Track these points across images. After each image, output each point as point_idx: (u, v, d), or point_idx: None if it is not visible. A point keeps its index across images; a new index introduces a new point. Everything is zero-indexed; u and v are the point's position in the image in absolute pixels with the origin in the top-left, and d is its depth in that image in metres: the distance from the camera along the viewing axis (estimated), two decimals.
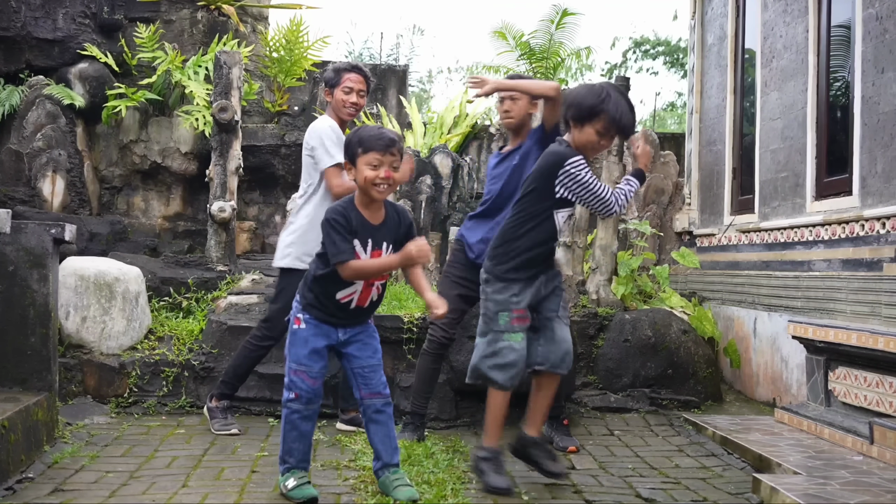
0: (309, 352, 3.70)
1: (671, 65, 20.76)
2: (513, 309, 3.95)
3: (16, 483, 3.82)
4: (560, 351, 4.01)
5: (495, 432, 4.01)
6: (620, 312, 6.10)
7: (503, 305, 3.96)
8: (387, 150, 3.60)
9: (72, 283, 5.42)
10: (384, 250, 3.68)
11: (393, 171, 3.62)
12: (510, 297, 3.96)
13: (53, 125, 7.58)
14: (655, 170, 8.39)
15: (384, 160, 3.60)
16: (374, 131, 3.67)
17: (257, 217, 8.30)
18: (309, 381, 3.69)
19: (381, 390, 3.74)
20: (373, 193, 3.62)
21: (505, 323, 3.94)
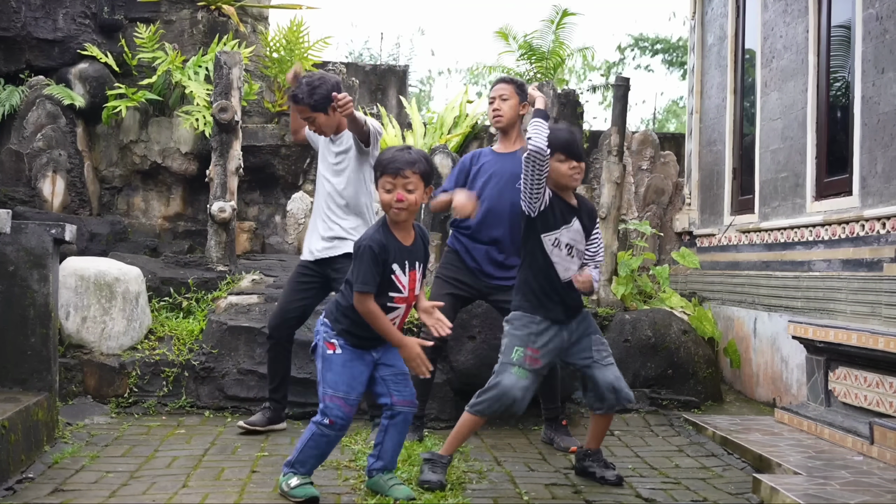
0: (348, 378, 3.67)
1: (669, 63, 20.75)
2: (528, 346, 3.96)
3: (16, 483, 3.83)
4: (608, 393, 4.02)
5: (454, 446, 4.05)
6: (620, 312, 6.10)
7: (521, 341, 3.97)
8: (398, 172, 3.59)
9: (72, 283, 5.42)
10: (417, 270, 3.72)
11: (407, 193, 3.61)
12: (528, 333, 3.98)
13: (53, 125, 7.58)
14: (655, 170, 8.39)
15: (396, 183, 3.60)
16: (389, 154, 3.67)
17: (257, 217, 8.29)
18: (346, 409, 3.66)
19: (413, 399, 3.77)
20: (390, 215, 3.66)
21: (518, 358, 3.95)
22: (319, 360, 3.73)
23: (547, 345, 3.98)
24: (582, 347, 4.06)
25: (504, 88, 4.85)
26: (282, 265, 7.04)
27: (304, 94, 4.70)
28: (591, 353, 4.05)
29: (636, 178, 8.28)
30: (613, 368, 4.07)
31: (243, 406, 5.42)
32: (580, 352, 4.06)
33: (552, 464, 4.51)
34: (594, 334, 4.10)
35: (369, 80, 9.78)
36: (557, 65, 9.96)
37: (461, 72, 22.09)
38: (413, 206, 3.64)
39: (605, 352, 4.09)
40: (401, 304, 3.69)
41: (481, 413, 3.94)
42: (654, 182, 8.30)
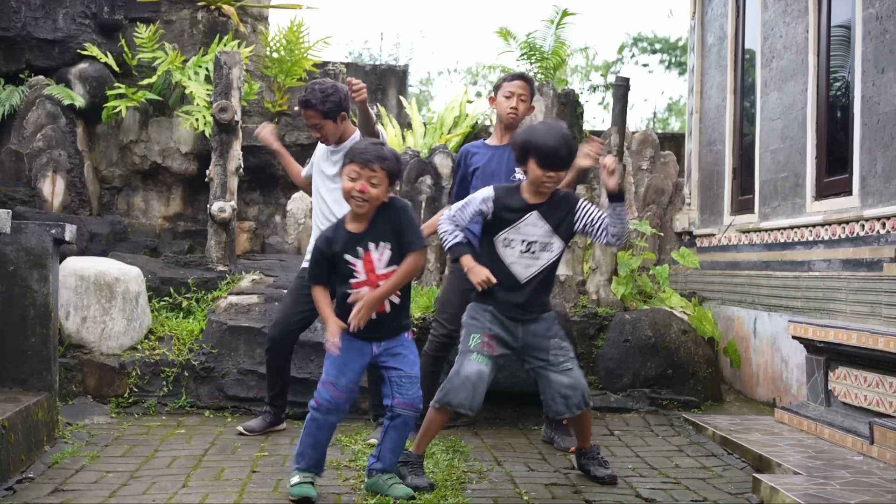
0: (339, 364, 3.71)
1: (668, 63, 20.76)
2: (484, 332, 3.96)
3: (16, 483, 3.83)
4: (559, 398, 3.97)
5: (425, 443, 4.03)
6: (620, 312, 6.10)
7: (477, 328, 3.97)
8: (367, 164, 3.62)
9: (72, 283, 5.42)
10: (375, 250, 3.69)
11: (371, 186, 3.62)
12: (483, 321, 3.97)
13: (53, 125, 7.58)
14: (655, 169, 8.39)
15: (363, 174, 3.62)
16: (363, 145, 3.75)
17: (257, 217, 8.30)
18: (333, 393, 3.70)
19: (416, 403, 3.75)
20: (350, 205, 3.69)
21: (475, 344, 3.95)
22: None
23: (501, 335, 3.96)
24: (538, 348, 3.99)
25: (525, 88, 4.81)
26: (282, 265, 7.04)
27: (317, 100, 4.72)
28: (548, 357, 3.98)
29: (636, 178, 8.28)
30: (572, 373, 3.98)
31: (243, 406, 5.42)
32: (535, 352, 4.00)
33: (552, 464, 4.51)
34: (554, 338, 4.01)
35: (369, 81, 9.77)
36: (558, 65, 9.96)
37: (461, 72, 22.12)
38: (374, 201, 3.66)
39: (563, 357, 3.99)
40: (360, 287, 3.71)
41: (448, 404, 3.90)
42: (654, 182, 8.30)
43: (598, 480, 4.12)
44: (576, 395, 3.97)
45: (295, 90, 8.54)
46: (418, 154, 8.16)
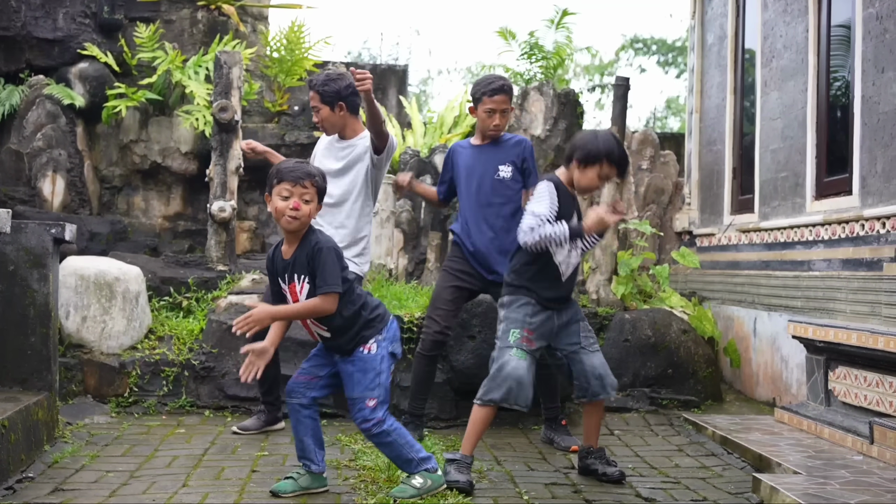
0: (306, 360, 3.88)
1: (665, 64, 20.76)
2: (524, 328, 3.99)
3: (16, 482, 3.83)
4: (595, 378, 4.06)
5: (472, 442, 4.03)
6: (620, 312, 6.10)
7: (517, 323, 4.02)
8: (298, 181, 3.64)
9: (72, 282, 5.42)
10: (298, 282, 3.69)
11: (304, 203, 3.64)
12: (524, 315, 4.02)
13: (53, 125, 7.58)
14: (655, 169, 8.39)
15: (294, 191, 3.63)
16: (290, 164, 3.75)
17: (257, 217, 8.30)
18: (295, 375, 3.84)
19: (358, 424, 3.74)
20: (282, 223, 3.68)
21: (515, 340, 3.98)
22: None
23: (540, 327, 4.02)
24: (570, 332, 4.10)
25: (506, 101, 4.80)
26: None
27: (318, 81, 4.79)
28: (579, 339, 4.10)
29: (636, 178, 8.28)
30: (600, 355, 4.13)
31: (243, 406, 5.42)
32: (568, 336, 4.09)
33: (552, 463, 4.51)
34: (582, 321, 4.15)
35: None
36: (558, 64, 9.95)
37: (460, 71, 22.11)
38: (305, 218, 3.66)
39: (591, 338, 4.15)
40: None
41: (494, 401, 3.94)
42: (654, 181, 8.30)
43: (607, 479, 4.11)
44: (608, 374, 4.10)
45: (295, 90, 8.54)
46: (418, 153, 8.15)
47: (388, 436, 3.72)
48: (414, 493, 3.67)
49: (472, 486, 3.87)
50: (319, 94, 4.77)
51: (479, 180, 4.83)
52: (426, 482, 3.71)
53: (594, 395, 4.09)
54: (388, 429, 3.71)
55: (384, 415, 3.72)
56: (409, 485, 3.71)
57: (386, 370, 3.75)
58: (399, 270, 7.25)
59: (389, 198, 7.18)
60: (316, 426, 3.84)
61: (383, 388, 3.73)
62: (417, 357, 4.88)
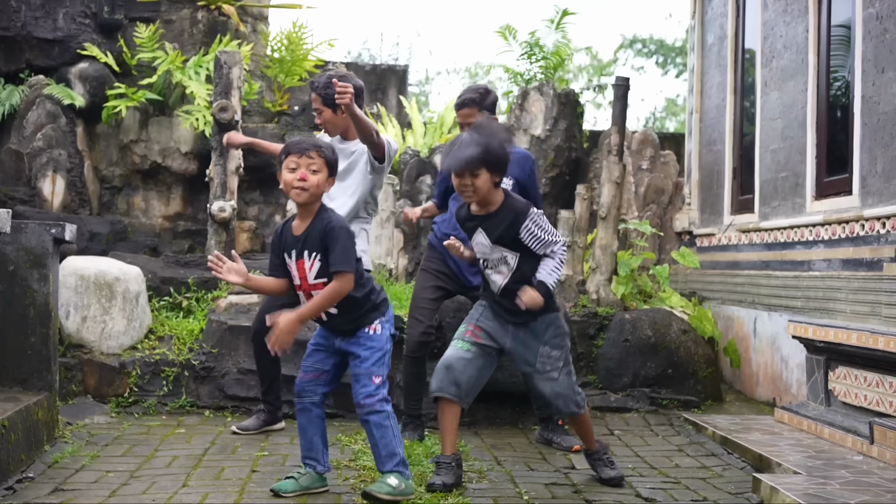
0: (306, 355, 3.86)
1: (664, 64, 20.75)
2: (471, 322, 4.05)
3: (16, 482, 3.83)
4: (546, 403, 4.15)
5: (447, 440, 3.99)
6: (620, 312, 6.10)
7: (466, 320, 4.10)
8: (303, 152, 3.65)
9: (72, 282, 5.42)
10: (308, 259, 3.68)
11: (311, 173, 3.65)
12: (473, 313, 4.10)
13: (53, 125, 7.58)
14: (655, 169, 8.39)
15: (301, 162, 3.65)
16: (297, 138, 3.80)
17: (257, 217, 8.30)
18: (300, 375, 3.83)
19: (359, 400, 3.71)
20: (291, 196, 3.70)
21: (460, 332, 4.05)
22: None
23: (487, 327, 4.02)
24: (527, 354, 3.99)
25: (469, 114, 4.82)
26: None
27: (320, 83, 4.77)
28: (535, 363, 3.98)
29: (636, 178, 8.28)
30: (554, 384, 3.96)
31: (243, 406, 5.42)
32: (524, 356, 4.00)
33: (552, 463, 4.51)
34: (546, 346, 3.97)
35: (369, 80, 9.77)
36: (558, 64, 9.95)
37: (460, 71, 22.10)
38: (315, 189, 3.66)
39: (549, 366, 3.97)
40: (299, 291, 3.75)
41: (432, 391, 3.97)
42: (654, 182, 8.30)
43: (604, 482, 4.09)
44: (558, 403, 4.02)
45: (295, 90, 8.54)
46: (418, 154, 8.16)
47: (388, 419, 3.70)
48: (389, 490, 3.63)
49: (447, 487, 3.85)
50: (321, 97, 4.77)
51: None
52: (401, 485, 3.67)
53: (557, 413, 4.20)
54: (389, 411, 3.72)
55: (387, 396, 3.73)
56: (386, 482, 3.66)
57: (390, 350, 3.79)
58: (399, 270, 7.25)
59: (389, 198, 7.18)
60: (324, 425, 3.85)
61: (387, 368, 3.76)
62: (405, 360, 4.90)
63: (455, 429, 4.00)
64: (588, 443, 4.20)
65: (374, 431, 3.71)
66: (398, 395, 5.26)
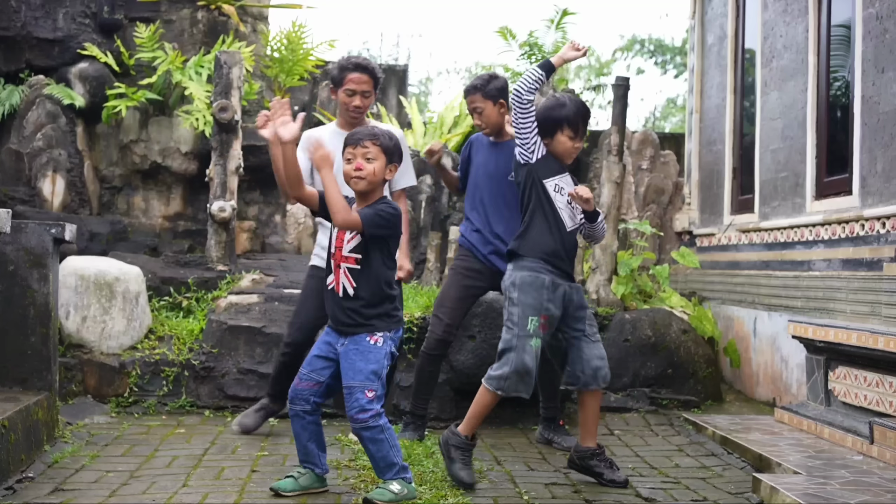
0: (309, 358, 3.85)
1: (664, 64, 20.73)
2: (542, 314, 3.98)
3: (16, 482, 3.83)
4: (589, 369, 4.05)
5: (475, 424, 4.04)
6: (620, 312, 6.10)
7: (534, 309, 3.98)
8: (357, 143, 3.73)
9: (72, 282, 5.42)
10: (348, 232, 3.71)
11: (366, 161, 3.70)
12: (539, 299, 3.99)
13: (53, 125, 7.58)
14: (655, 169, 8.39)
15: (356, 153, 3.72)
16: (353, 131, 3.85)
17: (257, 217, 8.30)
18: (296, 380, 3.82)
19: (352, 414, 3.67)
20: (351, 185, 3.75)
21: (534, 328, 3.97)
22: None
23: (555, 307, 4.01)
24: (578, 318, 4.10)
25: (475, 101, 4.77)
26: (282, 265, 7.04)
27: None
28: (584, 327, 4.09)
29: (636, 178, 8.28)
30: (600, 346, 4.13)
31: (243, 406, 5.41)
32: (575, 321, 4.09)
33: (552, 463, 4.51)
34: (589, 308, 4.18)
35: None
36: None
37: (460, 71, 22.09)
38: (372, 177, 3.70)
39: (594, 328, 4.16)
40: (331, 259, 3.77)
41: (504, 390, 3.94)
42: (654, 182, 8.30)
43: (612, 484, 4.05)
44: (604, 366, 4.08)
45: (296, 90, 8.54)
46: (418, 154, 8.16)
47: (382, 433, 3.66)
48: (392, 497, 3.61)
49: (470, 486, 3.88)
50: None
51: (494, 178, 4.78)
52: (403, 490, 3.65)
53: (585, 385, 4.07)
54: (383, 425, 3.66)
55: (381, 410, 3.69)
56: (388, 489, 3.63)
57: (386, 366, 3.74)
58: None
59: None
60: (319, 430, 3.83)
61: (381, 383, 3.70)
62: (422, 356, 4.83)
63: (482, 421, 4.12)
64: (592, 438, 4.15)
65: (370, 446, 3.69)
66: (398, 394, 5.26)
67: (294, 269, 6.80)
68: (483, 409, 4.02)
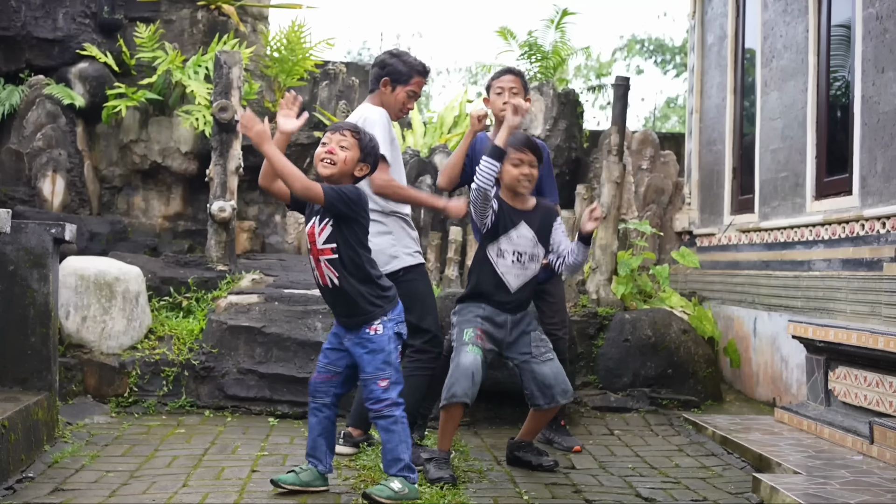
0: (322, 355, 3.90)
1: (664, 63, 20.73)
2: (476, 326, 4.10)
3: (16, 482, 3.83)
4: (542, 388, 4.14)
5: (447, 439, 4.12)
6: (620, 312, 6.10)
7: (469, 323, 4.13)
8: (336, 130, 3.77)
9: (72, 282, 5.42)
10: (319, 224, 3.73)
11: (340, 149, 3.72)
12: (474, 316, 4.14)
13: (53, 125, 7.58)
14: (655, 169, 8.39)
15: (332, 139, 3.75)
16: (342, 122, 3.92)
17: (257, 217, 8.30)
18: (315, 374, 3.88)
19: (369, 405, 3.75)
20: (318, 169, 3.77)
21: (470, 337, 4.08)
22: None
23: (487, 325, 4.11)
24: (521, 344, 4.18)
25: (515, 82, 4.74)
26: (282, 265, 7.04)
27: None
28: (530, 349, 4.17)
29: (636, 178, 8.28)
30: (551, 364, 4.16)
31: (243, 406, 5.42)
32: (519, 348, 4.18)
33: None
34: (533, 332, 4.21)
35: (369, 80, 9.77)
36: (558, 64, 9.95)
37: (460, 71, 22.10)
38: (342, 164, 3.72)
39: (543, 348, 4.20)
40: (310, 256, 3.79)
41: (455, 397, 3.99)
42: (654, 181, 8.30)
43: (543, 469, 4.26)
44: (560, 383, 4.15)
45: (296, 90, 8.53)
46: (418, 153, 8.16)
47: (395, 424, 3.71)
48: (391, 494, 3.62)
49: (455, 479, 3.94)
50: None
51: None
52: (404, 489, 3.66)
53: (538, 407, 4.19)
54: (397, 416, 3.72)
55: (398, 397, 3.74)
56: (388, 486, 3.65)
57: (394, 350, 3.78)
58: None
59: None
60: (332, 429, 3.87)
61: (394, 368, 3.76)
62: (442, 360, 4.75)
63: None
64: (530, 435, 4.36)
65: (382, 435, 3.76)
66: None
67: (294, 269, 6.80)
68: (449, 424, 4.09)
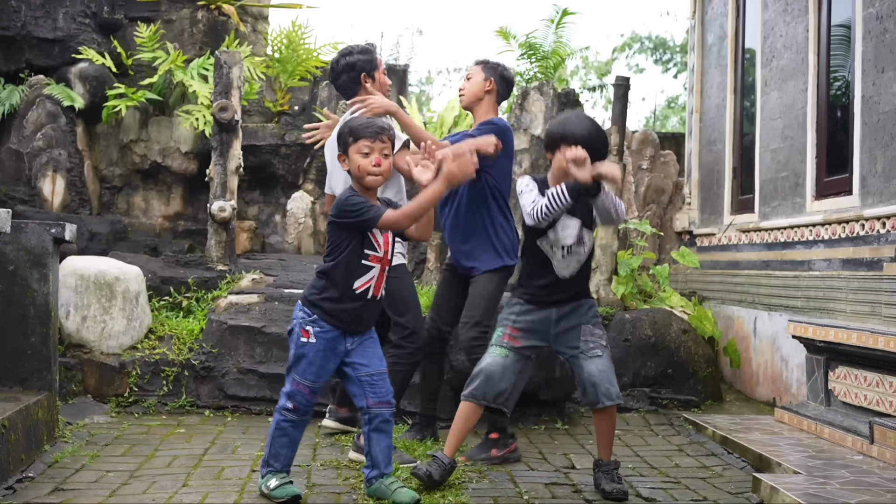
0: (317, 369, 3.69)
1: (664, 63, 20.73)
2: (507, 325, 4.01)
3: (16, 482, 3.83)
4: (590, 387, 3.91)
5: (454, 442, 3.98)
6: (620, 312, 6.10)
7: (502, 322, 4.05)
8: (376, 136, 3.63)
9: (72, 282, 5.42)
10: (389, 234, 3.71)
11: (384, 158, 3.64)
12: (510, 313, 4.03)
13: (53, 125, 7.58)
14: (655, 169, 8.39)
15: (374, 147, 3.62)
16: (363, 120, 3.74)
17: (257, 217, 8.30)
18: (310, 397, 3.71)
19: (389, 399, 3.74)
20: (366, 182, 3.65)
21: (497, 338, 4.02)
22: (293, 346, 3.72)
23: (528, 325, 3.97)
24: (570, 336, 3.97)
25: (470, 69, 4.80)
26: (282, 265, 7.04)
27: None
28: (578, 344, 3.95)
29: (636, 178, 8.28)
30: (599, 362, 3.92)
31: (243, 405, 5.42)
32: (568, 341, 3.98)
33: (552, 463, 4.51)
34: (587, 324, 3.97)
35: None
36: (558, 64, 9.95)
37: (461, 71, 22.10)
38: (387, 173, 3.68)
39: (592, 343, 3.95)
40: (376, 263, 3.69)
41: (473, 398, 3.94)
42: (654, 181, 8.30)
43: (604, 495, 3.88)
44: (603, 383, 3.89)
45: (296, 90, 8.54)
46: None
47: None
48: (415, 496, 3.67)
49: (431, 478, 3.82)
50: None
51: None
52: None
53: (591, 403, 3.96)
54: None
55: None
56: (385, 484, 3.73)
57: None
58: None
59: None
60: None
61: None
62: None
63: (465, 436, 4.03)
64: (604, 451, 4.03)
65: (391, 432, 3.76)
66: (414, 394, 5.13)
67: (294, 269, 6.80)
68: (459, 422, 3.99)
